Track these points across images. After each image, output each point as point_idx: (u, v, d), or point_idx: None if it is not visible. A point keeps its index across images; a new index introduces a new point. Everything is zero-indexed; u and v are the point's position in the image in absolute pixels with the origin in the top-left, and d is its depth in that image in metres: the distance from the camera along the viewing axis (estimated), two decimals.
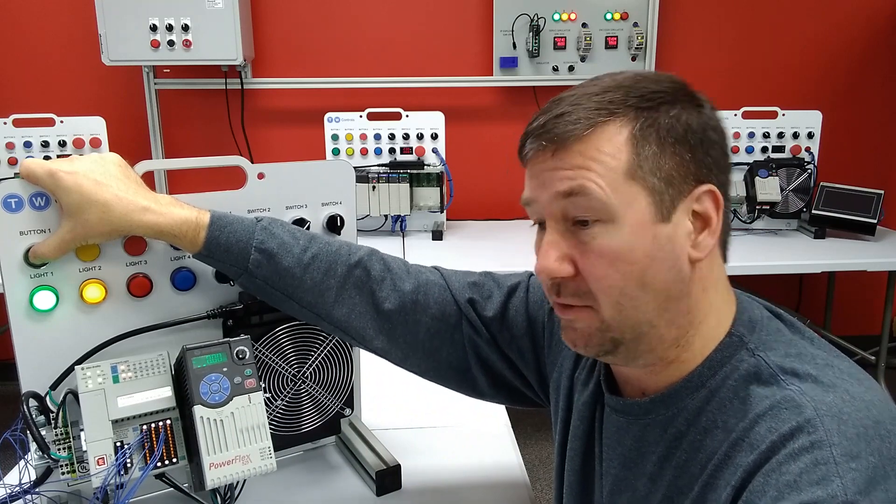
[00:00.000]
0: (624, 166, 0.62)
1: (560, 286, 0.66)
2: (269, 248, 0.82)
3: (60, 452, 0.75)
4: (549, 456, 2.53)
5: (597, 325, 0.65)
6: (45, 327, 0.80)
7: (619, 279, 0.62)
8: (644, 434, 0.70)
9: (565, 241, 0.65)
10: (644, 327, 0.64)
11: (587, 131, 0.62)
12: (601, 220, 0.62)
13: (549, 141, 0.64)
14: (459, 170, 2.63)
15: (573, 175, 0.62)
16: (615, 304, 0.63)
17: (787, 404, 0.59)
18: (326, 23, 2.79)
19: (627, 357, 0.67)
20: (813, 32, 2.88)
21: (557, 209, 0.65)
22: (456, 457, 1.02)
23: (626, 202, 0.62)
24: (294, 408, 0.94)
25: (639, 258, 0.62)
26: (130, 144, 2.78)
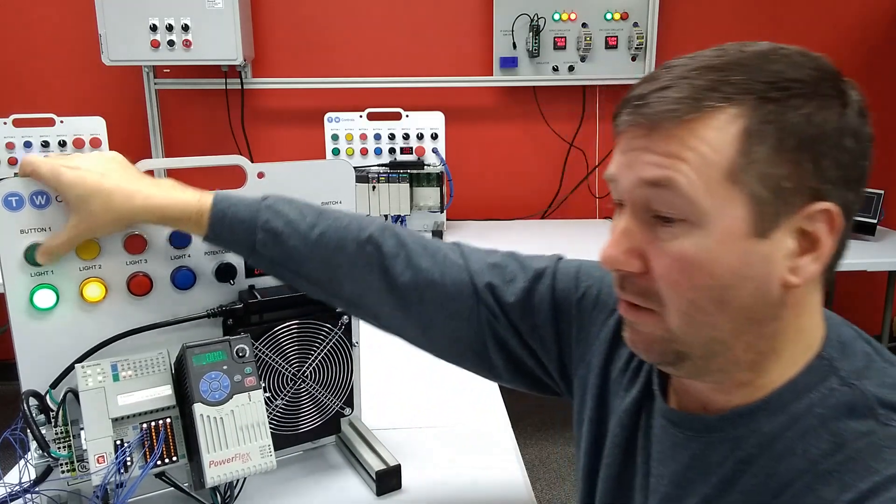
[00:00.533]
0: (726, 164, 0.52)
1: (624, 280, 0.59)
2: (275, 228, 0.79)
3: (60, 451, 0.75)
4: (549, 456, 2.53)
5: (661, 334, 0.58)
6: (46, 326, 0.80)
7: (693, 291, 0.55)
8: (705, 453, 0.62)
9: (641, 232, 0.57)
10: (716, 346, 0.57)
11: (692, 115, 0.53)
12: (686, 221, 0.54)
13: (645, 117, 0.55)
14: (459, 170, 2.63)
15: (664, 163, 0.54)
16: (684, 315, 0.56)
17: (890, 443, 0.52)
18: (326, 23, 2.79)
19: (693, 372, 0.60)
20: (813, 32, 2.88)
21: (639, 197, 0.56)
22: (456, 457, 1.02)
23: (719, 206, 0.53)
24: (294, 407, 0.94)
25: (721, 273, 0.54)
26: (130, 144, 2.78)
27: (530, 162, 2.94)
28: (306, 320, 0.92)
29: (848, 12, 2.87)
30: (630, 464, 0.72)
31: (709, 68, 0.54)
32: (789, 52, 0.55)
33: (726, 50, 0.56)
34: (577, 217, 2.95)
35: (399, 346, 0.86)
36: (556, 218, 2.95)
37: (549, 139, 2.90)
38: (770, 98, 0.52)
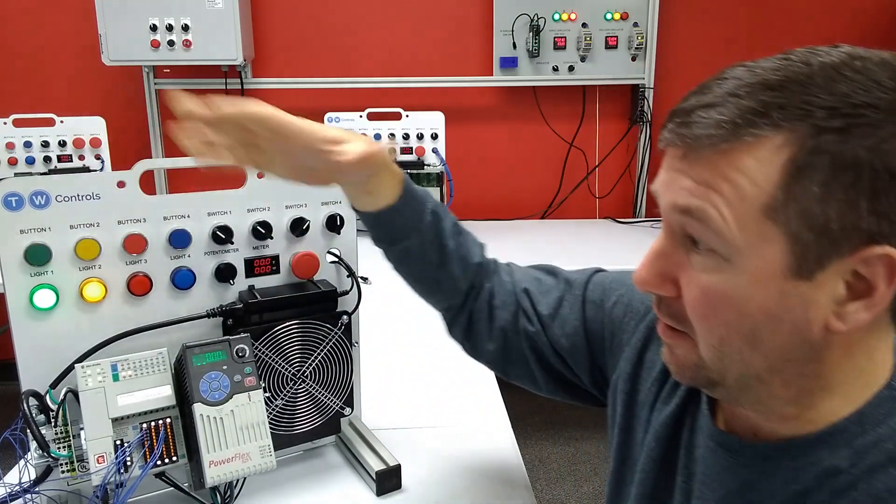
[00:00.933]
0: (764, 199, 0.47)
1: (660, 302, 0.56)
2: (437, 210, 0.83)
3: (60, 451, 0.75)
4: (549, 456, 2.53)
5: (694, 360, 0.55)
6: (45, 326, 0.80)
7: (722, 327, 0.51)
8: (758, 482, 0.58)
9: (675, 255, 0.54)
10: (750, 381, 0.53)
11: (730, 143, 0.48)
12: (717, 253, 0.50)
13: (681, 139, 0.50)
14: (459, 170, 2.63)
15: (697, 191, 0.49)
16: (713, 349, 0.53)
17: None
18: (327, 23, 2.79)
19: (729, 399, 0.58)
20: (813, 33, 2.88)
21: (674, 221, 0.53)
22: (456, 457, 1.02)
23: (753, 243, 0.48)
24: (294, 407, 0.94)
25: (751, 312, 0.50)
26: (130, 144, 2.78)
27: (530, 162, 2.94)
28: (306, 320, 0.92)
29: (847, 12, 2.87)
30: (667, 480, 0.69)
31: (763, 85, 0.47)
32: (868, 65, 0.46)
33: (791, 60, 0.48)
34: (577, 217, 2.95)
35: (399, 346, 0.86)
36: (556, 218, 2.95)
37: (549, 139, 2.90)
38: (830, 128, 0.45)
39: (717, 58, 2.87)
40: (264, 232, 0.89)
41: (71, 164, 2.40)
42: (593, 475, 2.43)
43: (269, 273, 0.92)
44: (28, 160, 2.39)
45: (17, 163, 2.39)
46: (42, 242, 0.78)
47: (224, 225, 0.87)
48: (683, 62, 2.86)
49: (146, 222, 0.83)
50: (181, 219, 0.86)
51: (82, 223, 0.80)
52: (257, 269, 0.91)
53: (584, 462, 2.51)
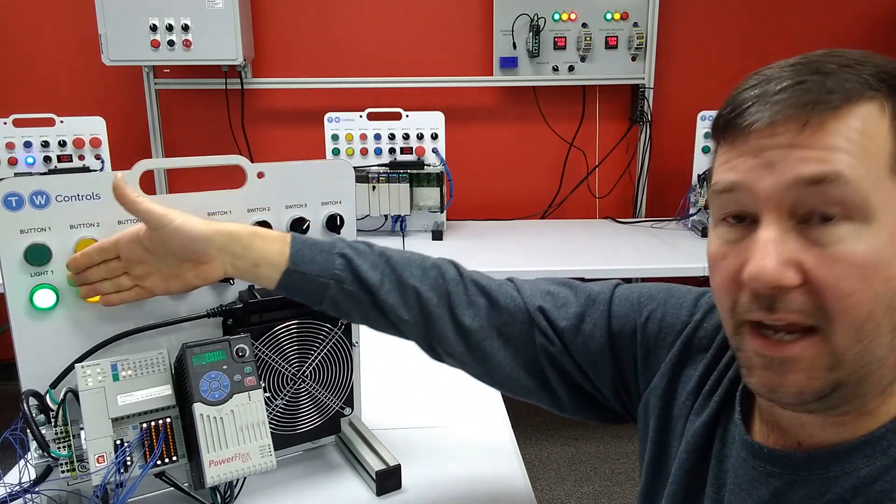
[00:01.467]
0: (886, 156, 0.49)
1: (776, 300, 0.51)
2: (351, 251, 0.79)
3: (60, 451, 0.75)
4: (549, 456, 2.53)
5: (825, 361, 0.50)
6: (46, 326, 0.80)
7: (870, 298, 0.49)
8: (789, 490, 0.57)
9: (793, 240, 0.50)
10: (873, 366, 0.51)
11: (844, 105, 0.49)
12: (851, 220, 0.48)
13: (792, 109, 0.49)
14: (459, 170, 2.63)
15: (827, 157, 0.48)
16: (857, 330, 0.49)
17: None
18: (326, 23, 2.79)
19: (836, 404, 0.53)
20: (813, 33, 2.88)
21: (789, 198, 0.50)
22: (456, 457, 1.02)
23: (886, 203, 0.48)
24: (294, 407, 0.94)
25: (893, 275, 0.49)
26: (130, 144, 2.79)
27: (530, 162, 2.94)
28: (306, 320, 0.92)
29: (847, 12, 2.87)
30: (698, 491, 0.68)
31: (836, 65, 0.50)
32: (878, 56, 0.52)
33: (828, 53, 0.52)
34: (577, 217, 2.95)
35: (399, 346, 0.86)
36: (556, 218, 2.95)
37: (549, 139, 2.90)
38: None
39: (717, 58, 2.87)
40: None
41: (71, 164, 2.40)
42: (593, 475, 2.43)
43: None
44: (28, 160, 2.39)
45: (17, 163, 2.39)
46: (42, 242, 0.78)
47: None
48: (683, 62, 2.86)
49: None
50: None
51: (82, 223, 0.80)
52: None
53: (584, 462, 2.51)
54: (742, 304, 0.53)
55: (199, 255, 0.79)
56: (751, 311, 0.53)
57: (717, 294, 0.57)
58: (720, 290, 0.56)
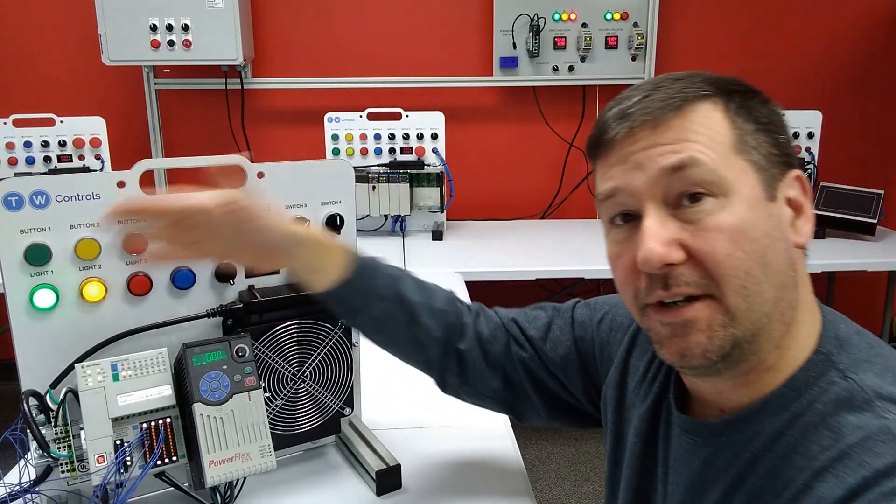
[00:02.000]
0: (729, 139, 0.58)
1: (669, 278, 0.58)
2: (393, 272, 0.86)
3: (60, 451, 0.75)
4: (549, 456, 2.53)
5: (720, 320, 0.58)
6: (45, 326, 0.80)
7: (745, 258, 0.57)
8: (714, 457, 0.63)
9: (671, 223, 0.58)
10: (763, 320, 0.58)
11: (684, 105, 0.59)
12: (714, 195, 0.57)
13: (643, 117, 0.59)
14: (459, 170, 2.63)
15: (679, 148, 0.58)
16: (741, 288, 0.57)
17: (883, 437, 0.52)
18: (326, 23, 2.79)
19: (737, 360, 0.59)
20: (813, 33, 2.88)
21: (660, 188, 0.59)
22: (456, 457, 1.02)
23: (737, 176, 0.58)
24: (294, 407, 0.94)
25: (759, 236, 0.57)
26: (130, 144, 2.79)
27: (530, 162, 2.94)
28: (306, 320, 0.92)
29: (847, 12, 2.87)
30: (649, 473, 0.73)
31: (673, 80, 0.61)
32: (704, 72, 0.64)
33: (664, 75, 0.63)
34: (577, 217, 2.95)
35: None
36: (556, 218, 2.95)
37: (549, 139, 2.90)
38: (734, 91, 0.61)
39: (716, 58, 2.87)
40: None
41: (71, 164, 2.40)
42: (593, 475, 2.43)
43: (269, 273, 0.92)
44: (28, 160, 2.39)
45: (17, 163, 2.39)
46: (42, 242, 0.78)
47: None
48: (683, 62, 2.86)
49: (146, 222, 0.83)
50: None
51: (82, 223, 0.80)
52: None
53: (584, 462, 2.51)
54: (642, 289, 0.61)
55: (265, 247, 0.80)
56: (651, 294, 0.60)
57: (620, 289, 0.65)
58: (622, 284, 0.64)
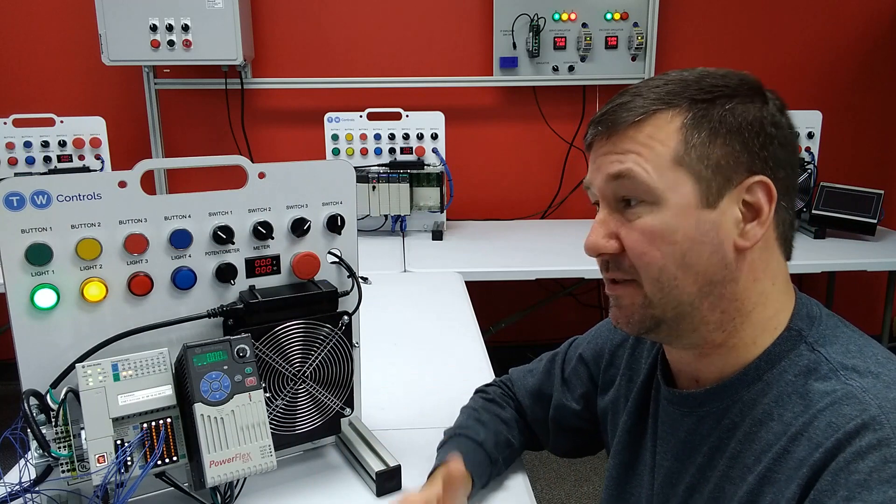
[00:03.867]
0: (671, 153, 0.65)
1: (609, 263, 0.70)
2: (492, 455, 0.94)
3: (61, 450, 0.75)
4: (549, 456, 2.53)
5: (640, 302, 0.68)
6: (46, 325, 0.80)
7: (660, 257, 0.66)
8: (698, 426, 0.71)
9: (614, 220, 0.69)
10: (685, 307, 0.67)
11: (640, 118, 0.66)
12: (645, 202, 0.66)
13: (605, 127, 0.68)
14: (459, 170, 2.63)
15: (623, 159, 0.67)
16: (655, 281, 0.66)
17: (848, 401, 0.59)
18: (326, 23, 2.79)
19: (670, 335, 0.70)
20: (813, 32, 2.88)
21: (608, 190, 0.69)
22: None
23: (670, 187, 0.65)
24: (294, 407, 0.94)
25: (679, 240, 0.65)
26: (130, 144, 2.79)
27: (530, 162, 2.95)
28: (307, 320, 0.92)
29: (848, 12, 2.87)
30: (638, 445, 0.81)
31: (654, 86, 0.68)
32: (720, 70, 0.70)
33: (669, 74, 0.70)
34: (577, 217, 2.95)
35: (399, 346, 0.86)
36: (556, 218, 2.95)
37: (549, 139, 2.90)
38: (700, 100, 0.66)
39: (716, 57, 2.87)
40: (265, 232, 0.89)
41: (71, 164, 2.40)
42: (593, 475, 2.43)
43: (269, 273, 0.92)
44: (28, 160, 2.39)
45: (17, 163, 2.39)
46: (43, 242, 0.78)
47: (225, 225, 0.87)
48: (683, 62, 2.86)
49: (147, 222, 0.84)
50: (182, 219, 0.86)
51: (83, 223, 0.80)
52: (258, 270, 0.91)
53: (584, 462, 2.51)
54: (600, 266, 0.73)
55: None
56: (602, 271, 0.72)
57: None
58: None
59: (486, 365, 1.36)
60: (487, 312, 2.32)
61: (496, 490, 0.95)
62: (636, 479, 0.81)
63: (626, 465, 0.83)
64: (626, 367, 0.88)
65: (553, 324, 3.13)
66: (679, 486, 0.73)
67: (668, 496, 0.75)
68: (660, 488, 0.76)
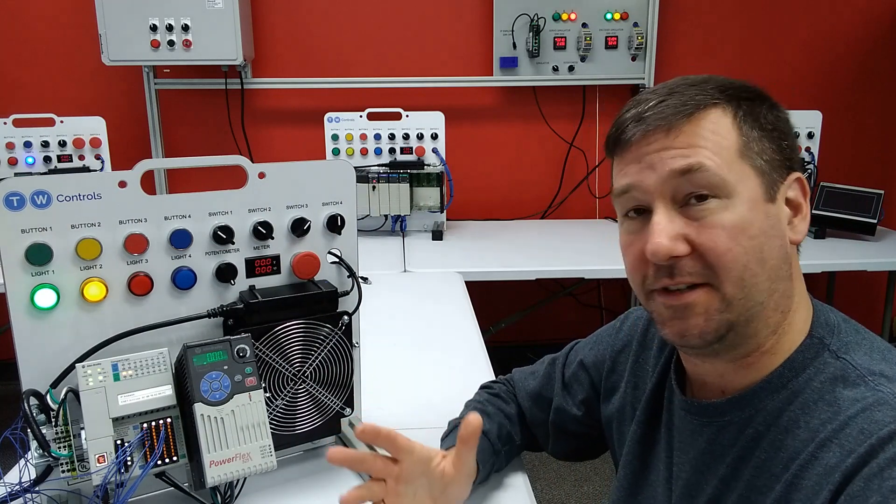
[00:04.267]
0: (734, 145, 0.64)
1: (674, 268, 0.65)
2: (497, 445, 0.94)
3: (61, 450, 0.75)
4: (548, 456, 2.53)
5: (716, 306, 0.64)
6: (46, 325, 0.80)
7: (742, 253, 0.63)
8: (718, 436, 0.69)
9: (678, 219, 0.65)
10: (757, 308, 0.65)
11: (696, 112, 0.65)
12: (717, 196, 0.64)
13: (654, 123, 0.65)
14: (459, 170, 2.63)
15: (688, 153, 0.64)
16: (738, 279, 0.63)
17: (880, 407, 0.58)
18: (326, 23, 2.79)
19: (734, 343, 0.66)
20: (813, 32, 2.88)
21: (669, 188, 0.65)
22: None
23: (739, 179, 0.64)
24: (294, 407, 0.94)
25: (756, 233, 0.64)
26: (130, 144, 2.79)
27: (530, 162, 2.95)
28: (307, 320, 0.92)
29: (847, 13, 2.87)
30: (651, 457, 0.79)
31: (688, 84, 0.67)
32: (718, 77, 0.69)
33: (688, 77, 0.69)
34: (577, 217, 2.95)
35: (399, 346, 0.86)
36: (556, 218, 2.95)
37: (549, 139, 2.90)
38: (744, 97, 0.67)
39: (716, 57, 2.87)
40: (265, 232, 0.89)
41: (71, 164, 2.40)
42: (593, 475, 2.43)
43: (269, 273, 0.92)
44: (28, 160, 2.39)
45: (17, 163, 2.39)
46: (43, 242, 0.78)
47: (225, 225, 0.87)
48: (683, 62, 2.86)
49: (147, 222, 0.84)
50: (182, 219, 0.86)
51: (83, 223, 0.80)
52: (258, 270, 0.91)
53: (585, 462, 2.50)
54: (650, 276, 0.68)
55: None
56: (657, 281, 0.67)
57: (630, 275, 0.71)
58: (632, 270, 0.70)
59: (486, 365, 1.36)
60: (487, 312, 2.32)
61: (496, 490, 0.95)
62: (648, 490, 0.79)
63: (638, 476, 0.80)
64: (630, 374, 0.87)
65: (553, 324, 3.13)
66: (699, 497, 0.71)
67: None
68: (678, 500, 0.74)
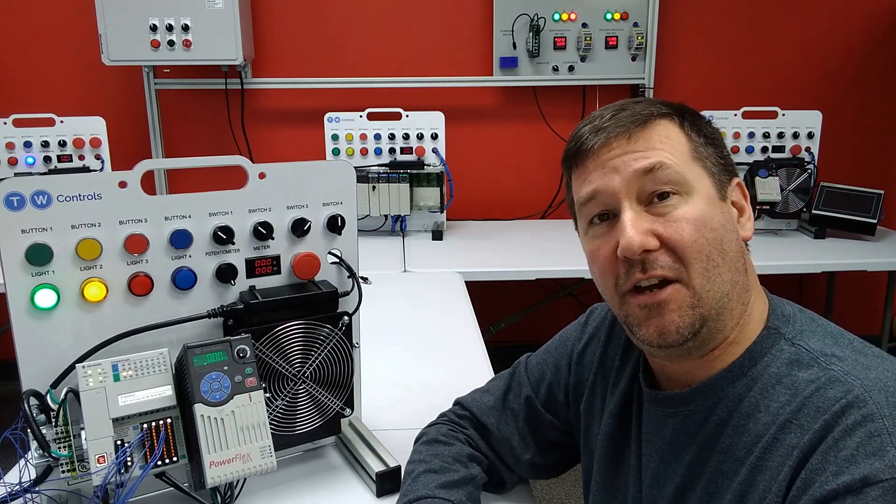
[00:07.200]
0: (686, 149, 0.71)
1: (645, 262, 0.68)
2: None
3: (61, 451, 0.75)
4: None
5: (689, 301, 0.67)
6: (46, 326, 0.80)
7: (706, 244, 0.67)
8: (684, 425, 0.72)
9: (645, 216, 0.69)
10: (724, 300, 0.68)
11: (649, 121, 0.71)
12: (678, 193, 0.68)
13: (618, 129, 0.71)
14: (459, 170, 2.63)
15: (649, 154, 0.69)
16: (704, 270, 0.67)
17: (832, 384, 0.62)
18: (327, 23, 2.79)
19: (706, 339, 0.69)
20: (813, 32, 2.88)
21: (634, 188, 0.69)
22: None
23: (696, 178, 0.70)
24: (294, 407, 0.94)
25: (716, 226, 0.68)
26: (130, 144, 2.79)
27: (530, 162, 2.94)
28: (307, 321, 0.92)
29: (848, 12, 2.87)
30: (621, 450, 0.81)
31: (630, 104, 0.73)
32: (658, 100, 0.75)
33: (627, 100, 0.75)
34: None
35: (399, 346, 0.86)
36: (556, 218, 2.95)
37: (549, 139, 2.90)
38: (684, 111, 0.73)
39: (716, 58, 2.87)
40: (265, 232, 0.89)
41: (71, 164, 2.40)
42: None
43: (270, 273, 0.92)
44: (28, 160, 2.39)
45: (17, 163, 2.38)
46: (43, 242, 0.78)
47: (225, 225, 0.87)
48: (683, 62, 2.86)
49: (147, 222, 0.84)
50: (182, 219, 0.86)
51: (83, 223, 0.80)
52: (258, 270, 0.91)
53: None
54: (621, 275, 0.70)
55: None
56: (630, 278, 0.69)
57: (601, 280, 0.74)
58: (602, 274, 0.73)
59: (487, 365, 1.36)
60: (487, 312, 2.32)
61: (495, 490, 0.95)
62: (620, 482, 0.81)
63: (612, 469, 0.82)
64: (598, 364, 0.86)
65: (553, 324, 3.12)
66: (668, 486, 0.73)
67: (656, 497, 0.75)
68: (647, 490, 0.76)
